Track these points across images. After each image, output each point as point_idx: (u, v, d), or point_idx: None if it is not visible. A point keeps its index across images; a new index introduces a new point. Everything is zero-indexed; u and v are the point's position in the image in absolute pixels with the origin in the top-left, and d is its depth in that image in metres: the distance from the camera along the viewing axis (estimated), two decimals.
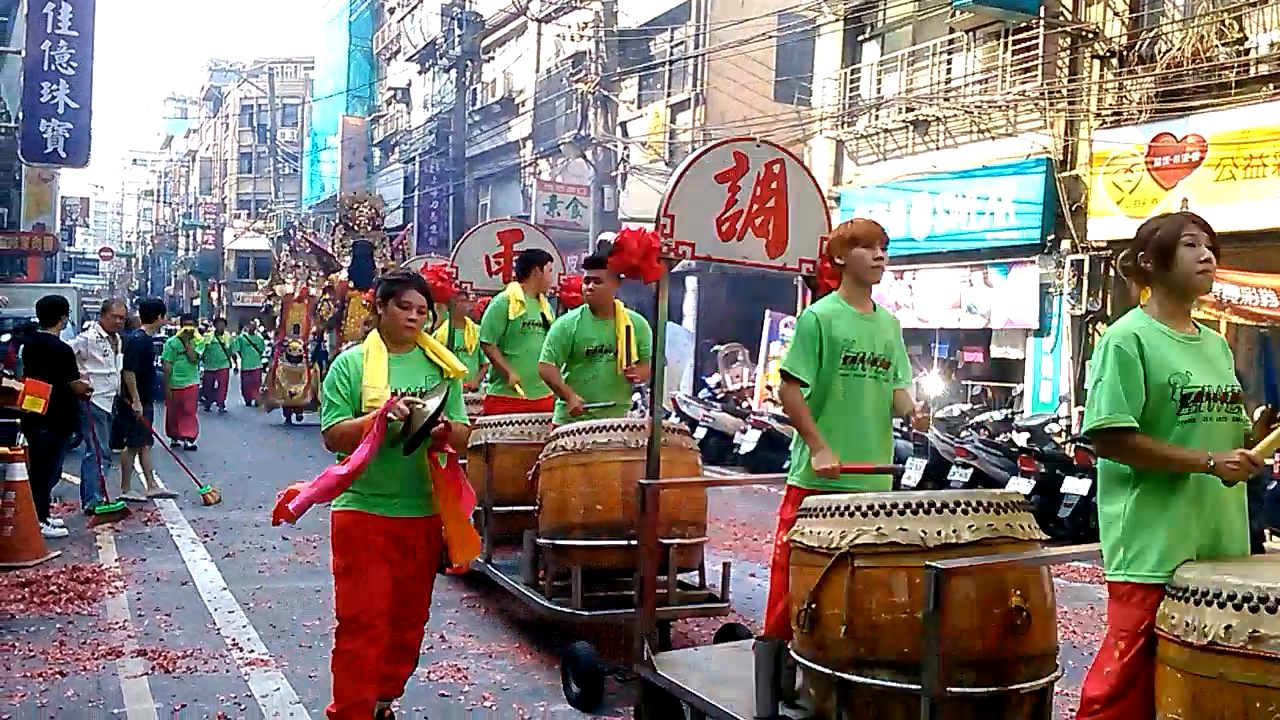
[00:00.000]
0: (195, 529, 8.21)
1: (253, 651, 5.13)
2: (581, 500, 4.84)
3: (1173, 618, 2.47)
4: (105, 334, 8.78)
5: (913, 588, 2.92)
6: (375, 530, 3.73)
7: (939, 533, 2.97)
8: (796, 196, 4.39)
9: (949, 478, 9.94)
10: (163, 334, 14.53)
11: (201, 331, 27.25)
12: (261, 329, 23.85)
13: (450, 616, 5.92)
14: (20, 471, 7.09)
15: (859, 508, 3.10)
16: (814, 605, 3.10)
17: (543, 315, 6.53)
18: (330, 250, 17.56)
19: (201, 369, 16.19)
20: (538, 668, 5.05)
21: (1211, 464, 2.61)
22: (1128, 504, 2.72)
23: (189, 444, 12.78)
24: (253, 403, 19.56)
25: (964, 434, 10.46)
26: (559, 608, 4.86)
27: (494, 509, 5.70)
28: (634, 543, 4.24)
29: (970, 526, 2.99)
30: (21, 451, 7.25)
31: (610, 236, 4.68)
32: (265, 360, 20.60)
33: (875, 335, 3.78)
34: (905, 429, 10.08)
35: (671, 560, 4.71)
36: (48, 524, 7.71)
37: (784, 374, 3.75)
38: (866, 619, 2.99)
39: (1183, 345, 2.77)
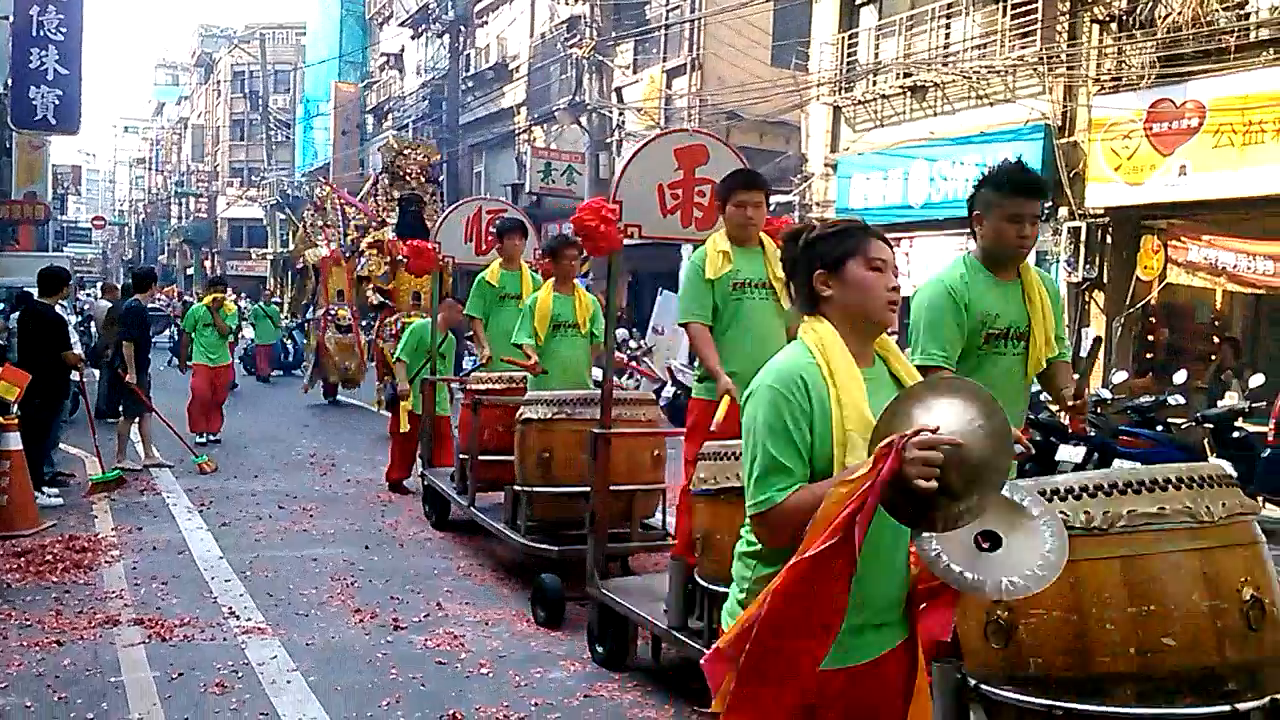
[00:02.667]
0: (191, 498, 8.20)
1: (249, 620, 5.14)
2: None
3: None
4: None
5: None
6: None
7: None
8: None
9: None
10: (158, 303, 14.09)
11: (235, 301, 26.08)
12: (276, 298, 23.36)
13: (447, 585, 5.93)
14: (14, 441, 7.07)
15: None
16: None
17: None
18: (374, 204, 14.78)
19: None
20: (534, 635, 5.06)
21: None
22: None
23: (213, 438, 11.05)
24: (269, 378, 18.77)
25: None
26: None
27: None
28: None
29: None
30: (15, 421, 7.22)
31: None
32: (282, 332, 19.81)
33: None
34: None
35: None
36: (43, 494, 7.71)
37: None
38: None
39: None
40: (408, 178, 14.07)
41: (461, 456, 6.90)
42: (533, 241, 7.62)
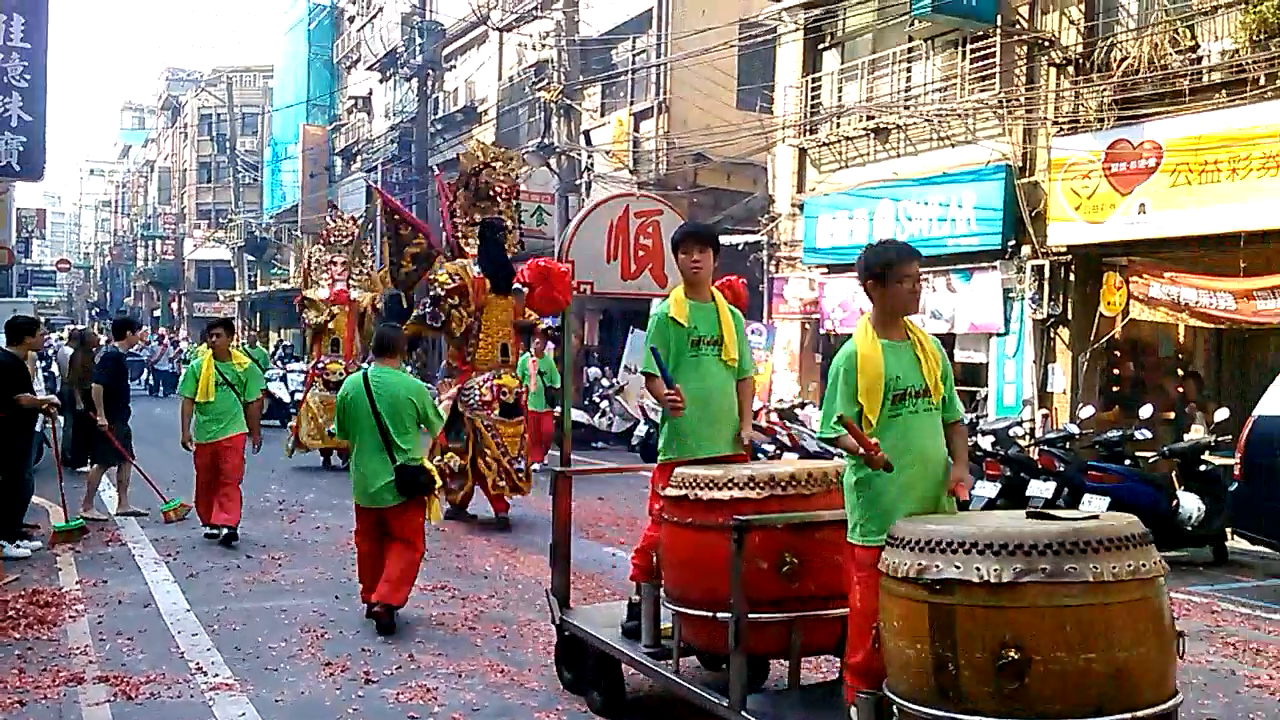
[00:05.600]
0: (158, 548, 8.08)
1: (217, 676, 5.05)
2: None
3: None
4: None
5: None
6: None
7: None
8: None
9: None
10: (136, 350, 13.07)
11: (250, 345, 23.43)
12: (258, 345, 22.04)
13: (419, 634, 5.87)
14: None
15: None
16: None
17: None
18: (450, 226, 10.29)
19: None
20: (508, 686, 5.01)
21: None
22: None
23: (230, 532, 8.26)
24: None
25: None
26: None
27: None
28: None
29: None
30: None
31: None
32: (265, 384, 18.37)
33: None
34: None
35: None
36: (17, 545, 7.61)
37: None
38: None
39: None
40: (495, 196, 10.06)
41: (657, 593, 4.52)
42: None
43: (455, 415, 9.27)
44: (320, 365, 13.31)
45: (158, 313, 58.21)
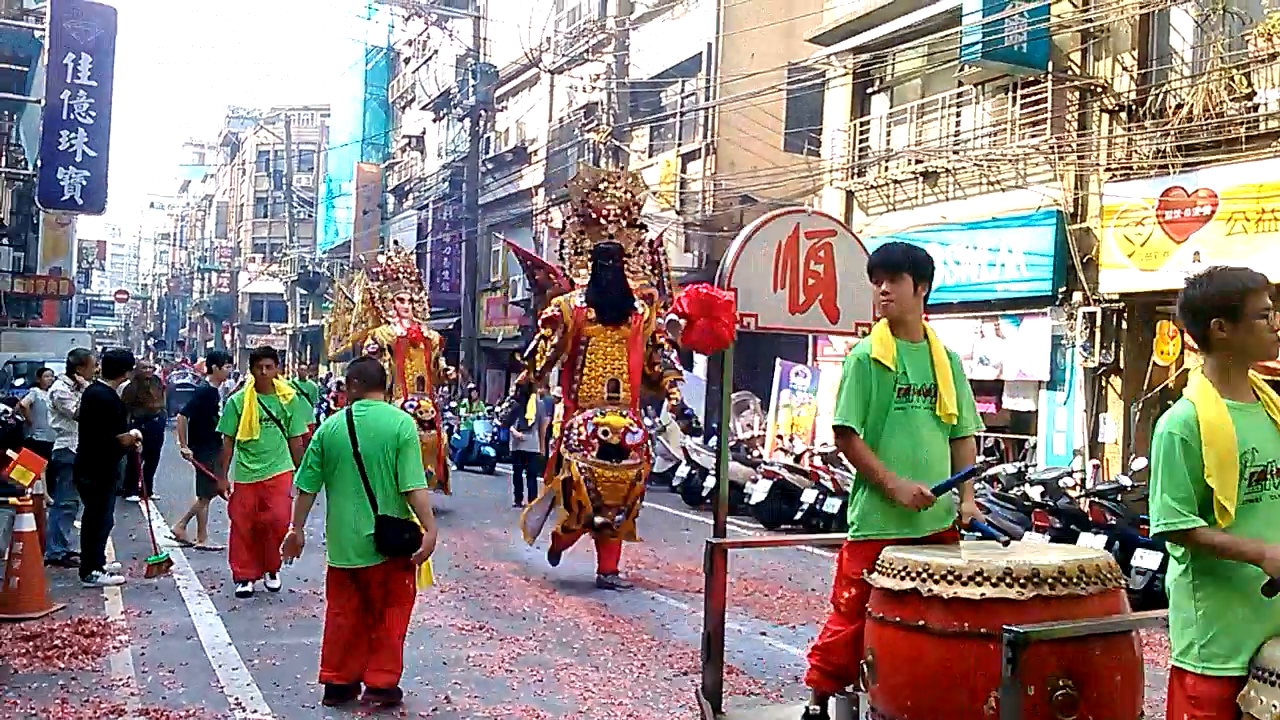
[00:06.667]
0: (202, 580, 8.16)
1: (255, 711, 5.08)
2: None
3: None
4: (74, 385, 8.86)
5: None
6: None
7: None
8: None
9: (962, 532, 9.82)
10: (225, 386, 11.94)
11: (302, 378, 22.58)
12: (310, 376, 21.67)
13: (456, 675, 5.84)
14: (28, 522, 7.11)
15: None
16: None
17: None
18: (558, 261, 10.13)
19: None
20: None
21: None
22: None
23: (270, 586, 7.86)
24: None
25: (977, 487, 10.35)
26: None
27: None
28: None
29: None
30: (29, 502, 7.28)
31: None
32: (319, 411, 17.85)
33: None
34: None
35: None
36: (103, 573, 7.90)
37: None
38: None
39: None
40: (604, 220, 9.13)
41: None
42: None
43: (557, 456, 8.79)
44: (412, 404, 12.05)
45: (211, 343, 59.36)
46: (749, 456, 14.14)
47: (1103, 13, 11.86)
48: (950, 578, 3.17)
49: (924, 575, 3.24)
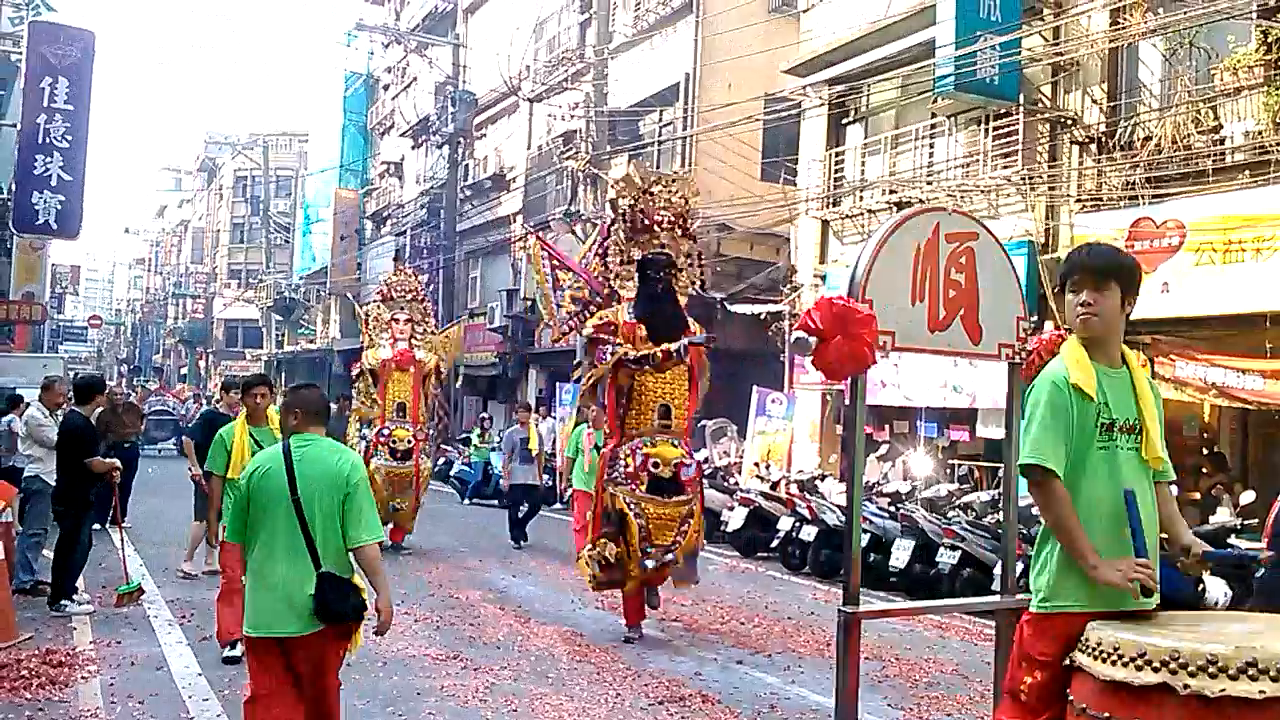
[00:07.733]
0: (172, 610, 8.07)
1: None
2: None
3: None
4: (47, 412, 8.78)
5: None
6: None
7: None
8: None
9: (937, 559, 9.88)
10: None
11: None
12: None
13: (429, 707, 5.80)
14: None
15: None
16: None
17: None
18: (597, 267, 8.63)
19: None
20: None
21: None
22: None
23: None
24: None
25: (951, 515, 10.42)
26: None
27: None
28: None
29: None
30: None
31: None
32: None
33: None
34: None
35: None
36: (72, 603, 7.79)
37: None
38: None
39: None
40: (655, 227, 8.22)
41: None
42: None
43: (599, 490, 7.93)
44: (385, 432, 11.82)
45: (185, 370, 58.92)
46: (725, 483, 14.16)
47: (1073, 46, 12.09)
48: (1213, 670, 2.46)
49: (1175, 665, 2.52)
